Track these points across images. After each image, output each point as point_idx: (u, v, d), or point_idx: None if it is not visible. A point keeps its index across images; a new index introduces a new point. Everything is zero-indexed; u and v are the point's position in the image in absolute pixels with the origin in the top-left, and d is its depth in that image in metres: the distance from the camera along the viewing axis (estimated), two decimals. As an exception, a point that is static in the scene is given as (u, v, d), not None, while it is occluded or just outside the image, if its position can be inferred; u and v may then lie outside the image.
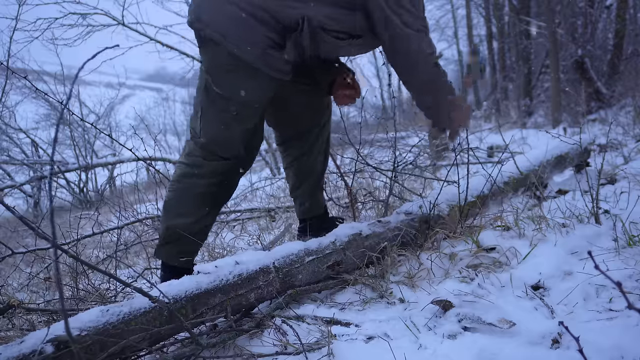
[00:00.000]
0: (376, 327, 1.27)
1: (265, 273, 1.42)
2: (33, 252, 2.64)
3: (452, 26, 19.95)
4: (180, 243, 1.74)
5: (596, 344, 0.99)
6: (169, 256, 1.77)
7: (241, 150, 1.76)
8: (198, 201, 1.74)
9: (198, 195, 1.74)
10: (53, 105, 9.61)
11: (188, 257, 1.77)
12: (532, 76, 10.97)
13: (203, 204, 1.75)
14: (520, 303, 1.28)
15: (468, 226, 1.84)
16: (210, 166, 1.73)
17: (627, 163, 2.72)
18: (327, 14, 1.58)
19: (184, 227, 1.73)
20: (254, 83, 1.64)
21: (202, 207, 1.75)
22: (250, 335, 1.29)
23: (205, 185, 1.73)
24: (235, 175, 1.81)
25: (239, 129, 1.71)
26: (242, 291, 1.35)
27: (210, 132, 1.71)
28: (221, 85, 1.65)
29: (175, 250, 1.75)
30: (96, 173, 8.88)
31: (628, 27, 7.91)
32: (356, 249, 1.62)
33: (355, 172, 2.44)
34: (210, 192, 1.75)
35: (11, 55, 3.14)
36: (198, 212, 1.74)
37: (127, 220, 3.05)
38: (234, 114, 1.67)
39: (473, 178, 1.99)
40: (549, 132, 2.33)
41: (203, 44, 1.67)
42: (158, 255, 1.80)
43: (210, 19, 1.60)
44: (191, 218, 1.73)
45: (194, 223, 1.74)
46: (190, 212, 1.74)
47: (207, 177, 1.73)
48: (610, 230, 1.61)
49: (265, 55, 1.59)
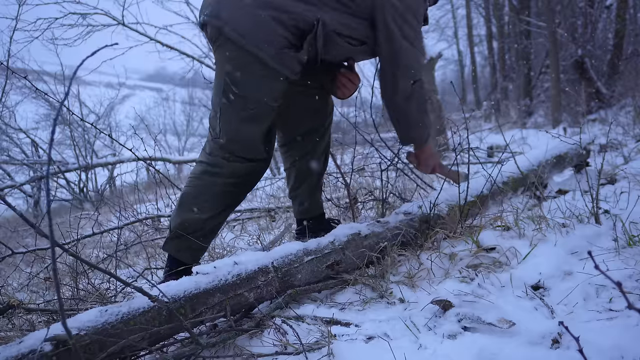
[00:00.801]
0: (376, 327, 1.27)
1: (264, 273, 1.42)
2: (33, 252, 2.64)
3: (452, 26, 19.96)
4: (195, 240, 1.75)
5: (596, 344, 0.99)
6: (178, 250, 1.78)
7: (261, 151, 1.77)
8: (215, 199, 1.76)
9: (216, 194, 1.76)
10: (53, 105, 9.61)
11: (196, 253, 1.79)
12: (532, 76, 10.97)
13: (219, 202, 1.77)
14: (520, 303, 1.28)
15: (468, 226, 1.84)
16: (231, 167, 1.74)
17: (627, 163, 2.72)
18: (341, 20, 1.65)
19: (197, 222, 1.75)
20: (270, 82, 1.67)
21: (218, 205, 1.77)
22: (250, 335, 1.29)
23: (223, 184, 1.75)
24: (255, 177, 1.83)
25: (258, 129, 1.72)
26: (241, 291, 1.35)
27: (230, 131, 1.72)
28: (239, 84, 1.67)
29: (185, 245, 1.76)
30: (96, 173, 8.88)
31: (628, 27, 7.92)
32: (355, 249, 1.61)
33: (352, 172, 2.44)
34: (228, 192, 1.77)
35: (11, 55, 3.14)
36: (213, 210, 1.76)
37: (127, 220, 3.05)
38: (252, 112, 1.68)
39: (472, 180, 1.99)
40: (549, 132, 2.33)
41: (220, 42, 1.67)
42: (166, 249, 1.81)
43: (229, 17, 1.62)
44: (206, 214, 1.75)
45: (208, 220, 1.76)
46: (206, 208, 1.75)
47: (226, 177, 1.75)
48: (610, 230, 1.61)
49: (281, 54, 1.62)
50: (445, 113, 6.12)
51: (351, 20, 1.67)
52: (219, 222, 1.83)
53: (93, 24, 5.77)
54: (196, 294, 1.26)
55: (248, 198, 4.28)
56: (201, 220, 1.75)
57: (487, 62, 16.17)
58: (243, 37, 1.60)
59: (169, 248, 1.80)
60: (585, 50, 7.80)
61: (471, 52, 17.13)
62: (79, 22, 5.68)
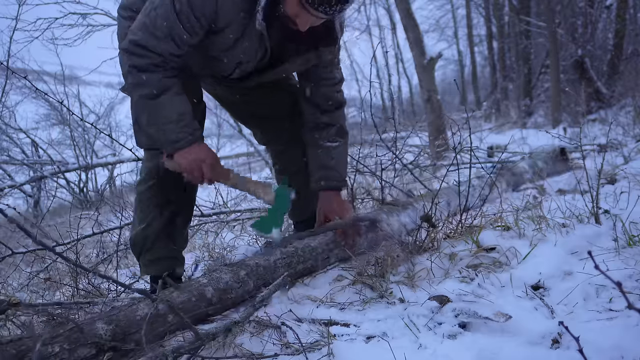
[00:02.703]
0: (376, 327, 1.27)
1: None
2: (33, 252, 2.64)
3: (452, 26, 19.98)
4: (149, 252, 1.73)
5: (596, 344, 0.99)
6: (145, 267, 1.76)
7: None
8: (144, 206, 1.75)
9: (142, 202, 1.76)
10: (53, 105, 9.61)
11: (164, 263, 1.73)
12: (532, 76, 10.97)
13: (149, 207, 1.74)
14: (520, 303, 1.28)
15: (468, 226, 1.84)
16: (144, 169, 1.76)
17: (627, 163, 2.72)
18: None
19: (139, 235, 1.73)
20: None
21: (150, 210, 1.73)
22: (250, 335, 1.29)
23: (145, 189, 1.75)
24: (167, 171, 1.68)
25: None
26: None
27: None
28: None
29: (146, 260, 1.74)
30: (96, 173, 8.87)
31: (628, 27, 7.92)
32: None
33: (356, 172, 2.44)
34: (150, 195, 1.74)
35: (11, 55, 3.15)
36: (145, 218, 1.73)
37: (127, 220, 3.05)
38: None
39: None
40: (549, 132, 2.33)
41: None
42: (141, 273, 1.83)
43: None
44: (142, 224, 1.73)
45: (146, 228, 1.72)
46: (138, 219, 1.75)
47: (147, 181, 1.75)
48: (610, 230, 1.61)
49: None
50: (446, 113, 6.12)
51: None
52: (162, 226, 1.73)
53: (93, 24, 5.77)
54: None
55: (248, 198, 4.27)
56: (140, 231, 1.73)
57: (487, 62, 16.17)
58: None
59: (141, 269, 1.79)
60: (585, 50, 7.80)
61: (471, 52, 17.15)
62: (79, 22, 5.68)
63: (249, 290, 1.47)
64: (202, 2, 1.45)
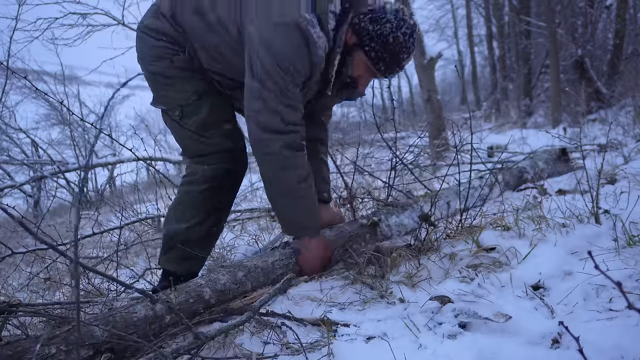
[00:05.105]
0: (376, 327, 1.27)
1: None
2: (33, 252, 2.64)
3: (452, 26, 19.98)
4: (179, 249, 1.72)
5: (596, 344, 0.99)
6: (168, 262, 1.76)
7: (213, 152, 1.73)
8: (192, 207, 1.74)
9: (192, 202, 1.74)
10: (53, 105, 9.61)
11: (189, 263, 1.75)
12: (532, 76, 10.97)
13: (197, 210, 1.74)
14: (520, 303, 1.28)
15: (468, 226, 1.84)
16: (200, 172, 1.73)
17: (627, 163, 2.72)
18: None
19: (177, 233, 1.73)
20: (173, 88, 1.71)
21: (197, 213, 1.73)
22: (250, 335, 1.29)
23: (198, 191, 1.73)
24: (226, 179, 1.75)
25: (196, 135, 1.71)
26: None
27: (181, 144, 1.77)
28: (158, 100, 1.74)
29: (174, 256, 1.74)
30: (96, 173, 8.88)
31: (628, 27, 7.91)
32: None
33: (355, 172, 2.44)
34: (205, 198, 1.74)
35: (11, 55, 3.15)
36: (192, 219, 1.73)
37: (127, 220, 3.05)
38: (177, 118, 1.70)
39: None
40: (549, 132, 2.33)
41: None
42: (160, 264, 1.80)
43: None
44: (185, 224, 1.73)
45: (189, 228, 1.73)
46: (184, 218, 1.74)
47: (200, 183, 1.73)
48: (610, 230, 1.61)
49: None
50: (445, 113, 6.12)
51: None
52: (206, 230, 1.76)
53: (93, 24, 5.76)
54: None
55: (248, 198, 4.27)
56: (180, 230, 1.72)
57: (487, 62, 16.17)
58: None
59: (161, 262, 1.78)
60: (585, 50, 7.80)
61: (471, 52, 17.14)
62: (79, 22, 5.67)
63: (246, 292, 1.47)
64: (302, 64, 1.50)
